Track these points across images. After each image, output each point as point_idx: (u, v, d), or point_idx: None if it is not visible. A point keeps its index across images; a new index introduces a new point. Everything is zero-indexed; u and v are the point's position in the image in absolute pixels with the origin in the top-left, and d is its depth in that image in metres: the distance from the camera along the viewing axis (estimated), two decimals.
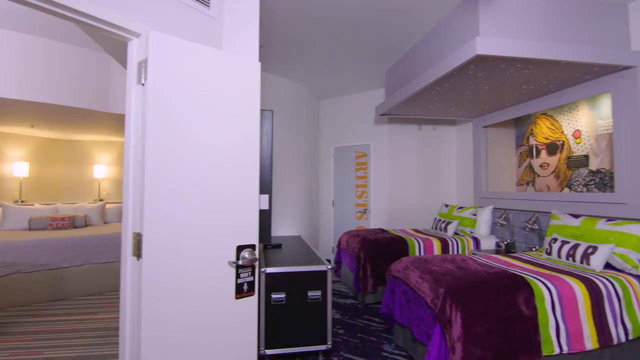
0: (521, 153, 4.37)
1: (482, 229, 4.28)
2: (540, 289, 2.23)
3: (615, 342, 2.27)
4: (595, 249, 2.62)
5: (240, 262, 1.72)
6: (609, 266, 2.69)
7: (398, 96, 3.89)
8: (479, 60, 2.67)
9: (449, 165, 5.45)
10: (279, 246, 3.45)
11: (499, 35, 2.59)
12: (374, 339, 3.07)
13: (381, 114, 4.54)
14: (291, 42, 3.87)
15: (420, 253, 3.93)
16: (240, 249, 1.75)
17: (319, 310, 2.59)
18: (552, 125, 3.86)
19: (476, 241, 4.08)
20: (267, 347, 2.49)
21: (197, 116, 1.61)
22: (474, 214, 4.46)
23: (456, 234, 4.44)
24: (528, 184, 4.24)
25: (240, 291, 1.75)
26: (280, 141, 4.99)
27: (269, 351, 2.49)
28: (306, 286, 2.58)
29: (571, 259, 2.76)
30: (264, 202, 2.60)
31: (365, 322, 3.44)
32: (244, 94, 1.79)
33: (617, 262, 2.62)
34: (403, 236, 4.12)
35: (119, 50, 3.33)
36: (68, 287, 4.08)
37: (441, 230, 4.48)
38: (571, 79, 3.11)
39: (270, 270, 2.53)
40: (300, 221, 5.27)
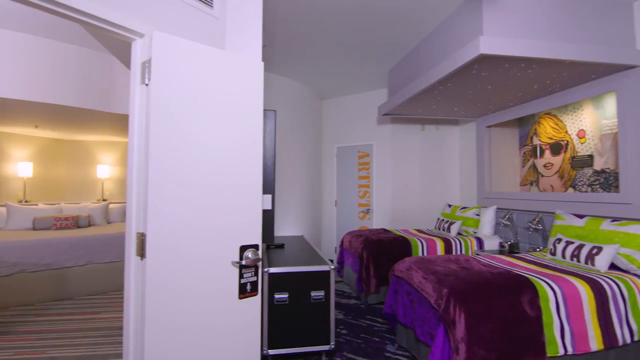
0: (525, 153, 4.35)
1: (486, 229, 4.26)
2: (544, 289, 2.22)
3: (620, 343, 2.26)
4: (600, 249, 2.61)
5: (243, 262, 1.72)
6: (614, 267, 2.67)
7: (401, 96, 3.88)
8: (483, 60, 2.66)
9: (451, 165, 5.44)
10: (282, 246, 3.45)
11: (502, 34, 2.57)
12: (377, 339, 3.06)
13: (384, 114, 4.54)
14: (294, 42, 3.87)
15: (423, 253, 3.92)
16: (243, 249, 1.75)
17: (322, 310, 2.58)
18: (556, 125, 3.84)
19: (479, 241, 4.07)
20: (270, 347, 2.49)
21: (201, 116, 1.62)
22: (477, 214, 4.45)
23: (459, 234, 4.43)
24: (532, 184, 4.22)
25: (244, 291, 1.75)
26: (283, 141, 4.99)
27: (272, 351, 2.49)
28: (309, 286, 2.58)
29: (576, 259, 2.75)
30: (267, 202, 2.60)
31: (368, 322, 3.44)
32: (247, 94, 1.79)
33: (622, 263, 2.60)
34: (406, 236, 4.11)
35: (123, 51, 3.34)
36: (72, 286, 4.10)
37: (444, 230, 4.47)
38: (575, 78, 3.09)
39: (273, 270, 2.53)
40: (302, 221, 5.27)
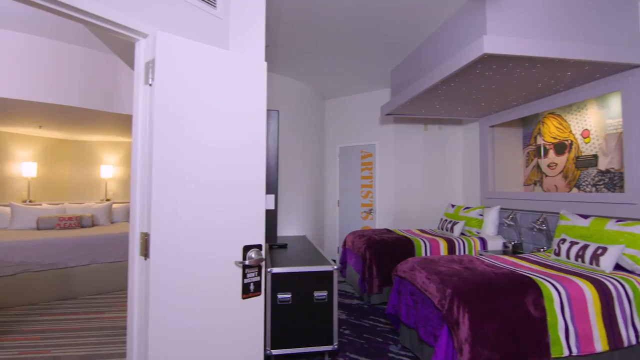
0: (528, 153, 4.33)
1: (489, 229, 4.24)
2: (549, 290, 2.20)
3: (625, 344, 2.24)
4: (605, 249, 2.59)
5: (246, 262, 1.72)
6: (619, 267, 2.65)
7: (404, 96, 3.87)
8: (487, 60, 2.65)
9: (455, 165, 5.42)
10: (285, 246, 3.45)
11: (506, 33, 2.56)
12: (380, 339, 3.06)
13: (387, 114, 4.53)
14: (296, 42, 3.87)
15: (426, 253, 3.91)
16: (246, 249, 1.75)
17: (325, 310, 2.58)
18: (560, 124, 3.82)
19: (483, 242, 4.05)
20: (273, 347, 2.49)
21: (204, 116, 1.62)
22: (480, 214, 4.43)
23: (462, 234, 4.41)
24: (535, 184, 4.20)
25: (247, 291, 1.75)
26: (286, 141, 4.99)
27: (275, 351, 2.49)
28: (312, 286, 2.58)
29: (580, 260, 2.73)
30: (270, 202, 2.60)
31: (371, 322, 3.43)
32: (250, 94, 1.79)
33: (628, 263, 2.58)
34: (409, 236, 4.10)
35: (126, 51, 3.35)
36: (75, 286, 4.11)
37: (447, 230, 4.46)
38: (580, 77, 3.07)
39: (276, 270, 2.53)
40: (305, 221, 5.26)
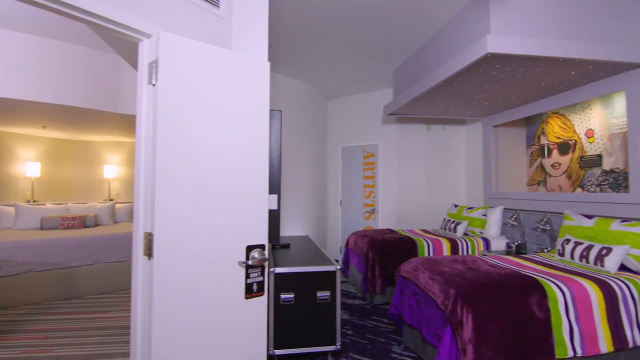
0: (532, 153, 4.31)
1: (492, 229, 4.23)
2: (553, 290, 2.19)
3: (630, 345, 2.23)
4: (609, 250, 2.57)
5: (250, 262, 1.71)
6: (623, 268, 2.64)
7: (407, 95, 3.86)
8: (490, 59, 2.64)
9: (458, 165, 5.40)
10: (287, 246, 3.45)
11: (510, 33, 2.55)
12: (383, 340, 3.05)
13: (389, 114, 4.52)
14: (299, 42, 3.87)
15: (429, 254, 3.89)
16: (249, 249, 1.75)
17: (328, 310, 2.58)
18: (564, 124, 3.80)
19: (486, 242, 4.04)
20: (276, 347, 2.49)
21: (207, 116, 1.62)
22: (483, 215, 4.41)
23: (466, 234, 4.40)
24: (539, 184, 4.18)
25: (250, 291, 1.75)
26: (288, 141, 4.99)
27: (278, 351, 2.49)
28: (315, 286, 2.58)
29: (585, 260, 2.71)
30: (273, 202, 2.60)
31: (374, 323, 3.42)
32: (253, 94, 1.79)
33: (633, 264, 2.56)
34: (412, 237, 4.09)
35: (130, 52, 3.36)
36: (79, 285, 4.13)
37: (450, 230, 4.44)
38: (584, 77, 3.05)
39: (279, 270, 2.53)
40: (308, 221, 5.26)
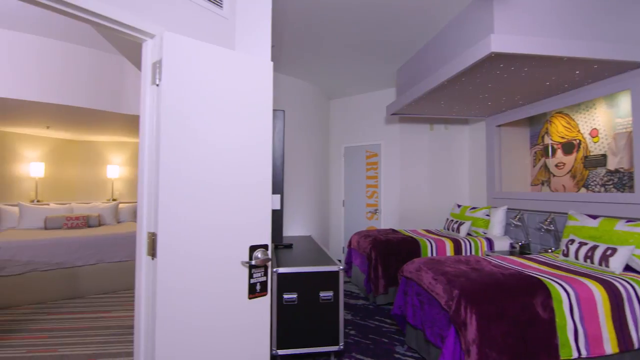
0: (536, 152, 4.29)
1: (496, 229, 4.21)
2: (557, 291, 2.18)
3: (636, 346, 2.21)
4: (614, 250, 2.56)
5: (253, 262, 1.71)
6: (629, 268, 2.62)
7: (410, 95, 3.85)
8: (494, 58, 2.63)
9: (461, 165, 5.39)
10: (290, 246, 3.45)
11: (514, 32, 2.54)
12: (386, 340, 3.04)
13: (392, 114, 4.51)
14: (301, 42, 3.87)
15: (432, 254, 3.88)
16: (253, 249, 1.75)
17: (331, 310, 2.57)
18: (568, 123, 3.78)
19: (490, 242, 4.02)
20: (279, 348, 2.49)
21: (211, 116, 1.62)
22: (487, 215, 4.40)
23: (469, 234, 4.38)
24: (543, 184, 4.16)
25: (253, 291, 1.75)
26: (291, 141, 4.99)
27: (281, 351, 2.49)
28: (318, 286, 2.57)
29: (589, 260, 2.70)
30: (276, 202, 2.60)
31: (377, 323, 3.42)
32: (256, 94, 1.79)
33: (638, 265, 2.54)
34: (414, 237, 4.08)
35: (133, 52, 3.37)
36: (82, 285, 4.15)
37: (453, 230, 4.43)
38: (589, 76, 3.03)
39: (282, 270, 2.53)
40: (310, 221, 5.26)
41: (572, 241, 2.93)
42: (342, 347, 2.58)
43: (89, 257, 4.18)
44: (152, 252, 1.48)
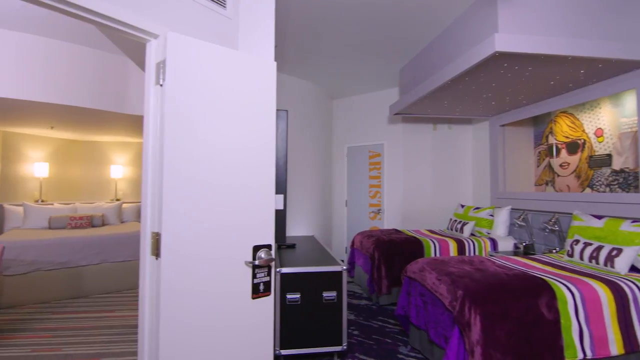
0: (540, 152, 4.26)
1: (500, 229, 4.19)
2: (562, 292, 2.17)
3: None
4: (620, 251, 2.54)
5: (256, 262, 1.71)
6: (634, 269, 2.60)
7: (413, 95, 3.84)
8: (498, 58, 2.61)
9: (464, 164, 5.37)
10: (293, 246, 3.44)
11: (518, 31, 2.52)
12: (389, 340, 3.04)
13: (395, 113, 4.50)
14: (304, 42, 3.87)
15: (435, 254, 3.87)
16: (256, 249, 1.75)
17: (334, 311, 2.57)
18: (573, 123, 3.76)
19: (493, 242, 4.00)
20: (282, 348, 2.49)
21: (214, 116, 1.62)
22: (491, 215, 4.38)
23: (472, 235, 4.36)
24: (547, 184, 4.14)
25: (257, 291, 1.74)
26: (293, 141, 4.99)
27: (284, 351, 2.49)
28: (321, 287, 2.57)
29: (594, 261, 2.68)
30: (279, 202, 2.60)
31: (380, 323, 3.41)
32: (260, 94, 1.79)
33: None
34: (418, 237, 4.07)
35: (137, 53, 3.38)
36: (86, 285, 4.16)
37: (457, 231, 4.41)
38: (593, 75, 3.01)
39: (285, 270, 2.53)
40: (313, 221, 5.26)
41: (577, 241, 2.91)
42: (345, 347, 2.57)
43: (92, 256, 4.20)
44: (156, 252, 1.49)
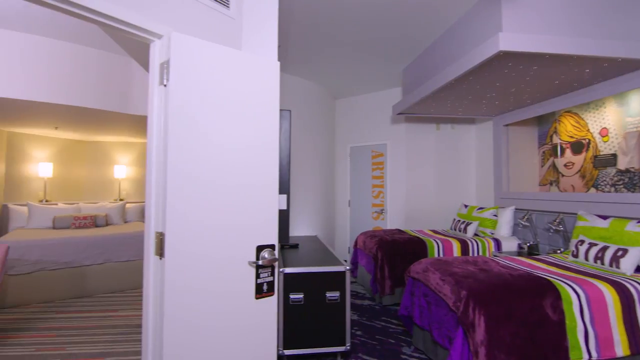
0: (544, 152, 4.24)
1: (504, 230, 4.17)
2: (567, 292, 2.15)
3: None
4: (625, 251, 2.52)
5: (260, 262, 1.71)
6: None
7: (416, 94, 3.83)
8: (502, 57, 2.60)
9: (468, 164, 5.35)
10: (296, 246, 3.44)
11: (522, 30, 2.51)
12: (393, 341, 3.03)
13: (398, 113, 4.49)
14: (307, 42, 3.87)
15: (439, 254, 3.86)
16: (260, 249, 1.75)
17: (337, 311, 2.57)
18: (577, 123, 3.73)
19: (497, 242, 3.99)
20: (285, 348, 2.49)
21: (218, 116, 1.62)
22: (494, 215, 4.36)
23: (476, 235, 4.35)
24: (551, 184, 4.12)
25: (260, 291, 1.74)
26: (296, 141, 4.99)
27: (287, 351, 2.49)
28: (324, 287, 2.57)
29: (599, 261, 2.66)
30: (282, 202, 2.60)
31: (383, 323, 3.40)
32: (263, 94, 1.79)
33: None
34: (421, 237, 4.05)
35: (141, 53, 3.39)
36: (90, 284, 4.18)
37: (460, 231, 4.40)
38: (598, 75, 3.00)
39: (288, 270, 2.53)
40: (316, 221, 5.26)
41: (582, 242, 2.89)
42: (348, 347, 2.57)
43: (96, 256, 4.22)
44: (160, 251, 1.49)
